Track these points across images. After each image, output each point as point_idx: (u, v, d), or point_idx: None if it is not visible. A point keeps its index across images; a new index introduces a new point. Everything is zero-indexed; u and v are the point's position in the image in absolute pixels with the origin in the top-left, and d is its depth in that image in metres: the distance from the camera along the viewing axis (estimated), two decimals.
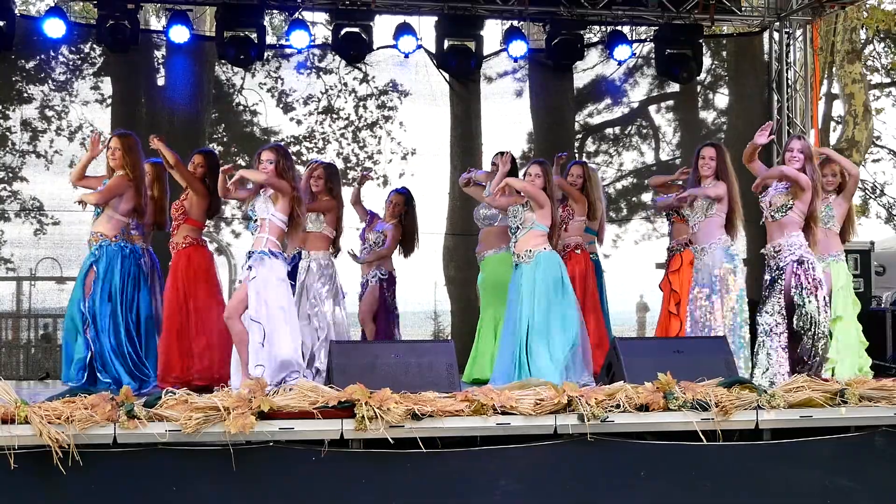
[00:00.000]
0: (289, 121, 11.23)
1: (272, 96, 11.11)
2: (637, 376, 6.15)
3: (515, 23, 11.02)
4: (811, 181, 6.77)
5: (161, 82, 10.72)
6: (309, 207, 7.29)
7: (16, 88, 10.40)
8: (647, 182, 10.04)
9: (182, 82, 10.58)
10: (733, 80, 11.78)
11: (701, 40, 11.08)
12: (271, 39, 12.62)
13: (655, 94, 11.70)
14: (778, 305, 6.74)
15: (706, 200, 7.36)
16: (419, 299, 11.23)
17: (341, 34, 10.47)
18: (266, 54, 10.72)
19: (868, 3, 16.85)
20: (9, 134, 10.38)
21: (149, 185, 7.47)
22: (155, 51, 10.74)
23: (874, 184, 22.10)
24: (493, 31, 11.45)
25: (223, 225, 11.37)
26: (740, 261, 7.48)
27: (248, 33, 10.24)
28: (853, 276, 8.75)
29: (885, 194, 22.24)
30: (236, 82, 10.96)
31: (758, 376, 6.69)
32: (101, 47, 10.40)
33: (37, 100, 10.45)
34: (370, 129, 11.33)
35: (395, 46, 10.71)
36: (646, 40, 11.39)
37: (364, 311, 8.45)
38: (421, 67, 11.03)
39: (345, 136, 11.37)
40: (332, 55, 10.92)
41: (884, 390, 6.22)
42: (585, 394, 5.84)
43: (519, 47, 10.80)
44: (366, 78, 11.13)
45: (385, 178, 11.24)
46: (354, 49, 10.58)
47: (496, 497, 5.67)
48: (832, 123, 20.45)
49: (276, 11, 13.43)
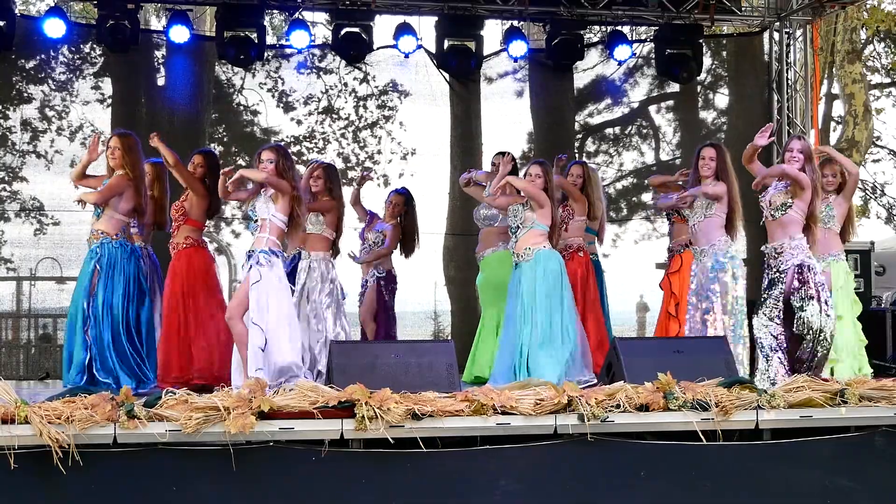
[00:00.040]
0: (289, 121, 11.23)
1: (272, 96, 11.11)
2: (637, 376, 6.15)
3: (515, 23, 11.03)
4: (811, 181, 6.78)
5: (161, 82, 10.72)
6: (309, 207, 7.28)
7: (16, 88, 10.40)
8: (646, 182, 10.04)
9: (182, 82, 10.58)
10: (733, 80, 11.78)
11: (701, 40, 11.08)
12: (271, 39, 12.63)
13: (655, 94, 11.70)
14: (776, 310, 6.72)
15: (706, 200, 7.35)
16: (419, 299, 11.23)
17: (341, 34, 10.47)
18: (266, 54, 10.71)
19: (868, 4, 16.85)
20: (9, 134, 10.38)
21: (149, 185, 7.47)
22: (155, 51, 10.74)
23: (874, 184, 22.10)
24: (493, 31, 11.47)
25: (223, 225, 11.37)
26: (740, 261, 7.47)
27: (248, 33, 10.24)
28: (854, 277, 8.73)
29: (886, 194, 22.25)
30: (236, 82, 10.96)
31: (758, 378, 6.69)
32: (101, 47, 10.40)
33: (37, 100, 10.45)
34: (370, 129, 11.33)
35: (395, 46, 10.71)
36: (646, 40, 11.39)
37: (364, 311, 8.46)
38: (421, 67, 11.03)
39: (345, 136, 11.37)
40: (332, 55, 10.92)
41: (884, 390, 6.21)
42: (585, 394, 5.84)
43: (519, 47, 10.80)
44: (366, 78, 11.13)
45: (386, 179, 11.24)
46: (354, 49, 10.58)
47: (496, 497, 5.67)
48: (832, 123, 20.45)
49: (276, 11, 13.44)
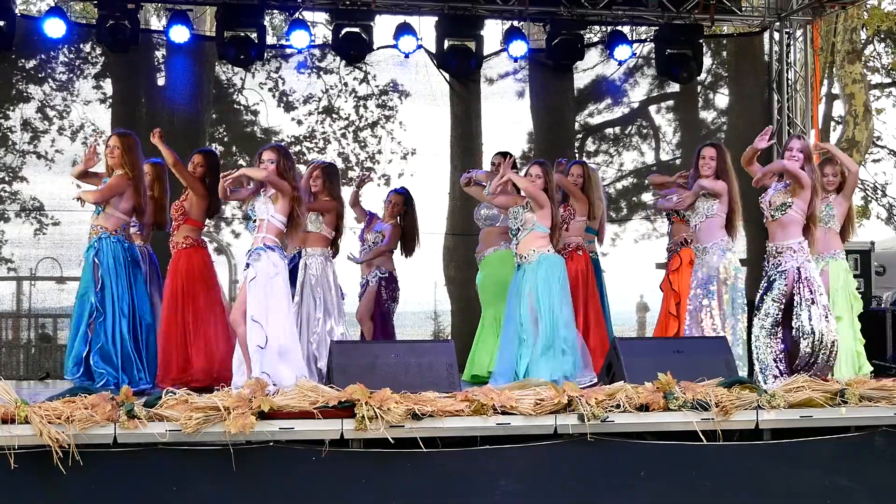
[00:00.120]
0: (289, 121, 11.22)
1: (273, 96, 11.10)
2: (637, 376, 6.16)
3: (515, 23, 11.02)
4: (811, 180, 6.78)
5: (161, 82, 10.72)
6: (308, 207, 7.27)
7: (16, 88, 10.39)
8: (646, 181, 10.04)
9: (182, 82, 10.57)
10: (733, 81, 11.77)
11: (701, 40, 11.06)
12: (271, 39, 12.63)
13: (655, 94, 11.70)
14: (775, 309, 6.72)
15: (707, 202, 7.36)
16: (419, 299, 11.21)
17: (341, 34, 10.46)
18: (266, 54, 10.70)
19: (868, 4, 16.85)
20: (9, 134, 10.37)
21: (149, 184, 7.46)
22: (155, 51, 10.73)
23: (875, 184, 22.10)
24: (493, 31, 11.49)
25: (223, 225, 11.36)
26: (739, 261, 7.48)
27: (248, 33, 10.23)
28: (854, 277, 8.73)
29: (886, 195, 22.25)
30: (236, 82, 10.96)
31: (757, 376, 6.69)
32: (101, 47, 10.39)
33: (37, 100, 10.44)
34: (370, 129, 11.33)
35: (395, 46, 10.70)
36: (646, 40, 11.39)
37: (362, 310, 8.46)
38: (421, 67, 11.02)
39: (345, 136, 11.37)
40: (332, 55, 10.91)
41: (884, 390, 6.22)
42: (585, 394, 5.85)
43: (519, 47, 10.79)
44: (366, 78, 11.13)
45: (387, 179, 11.23)
46: (354, 49, 10.57)
47: (496, 497, 5.68)
48: (832, 123, 20.46)
49: (276, 11, 13.44)
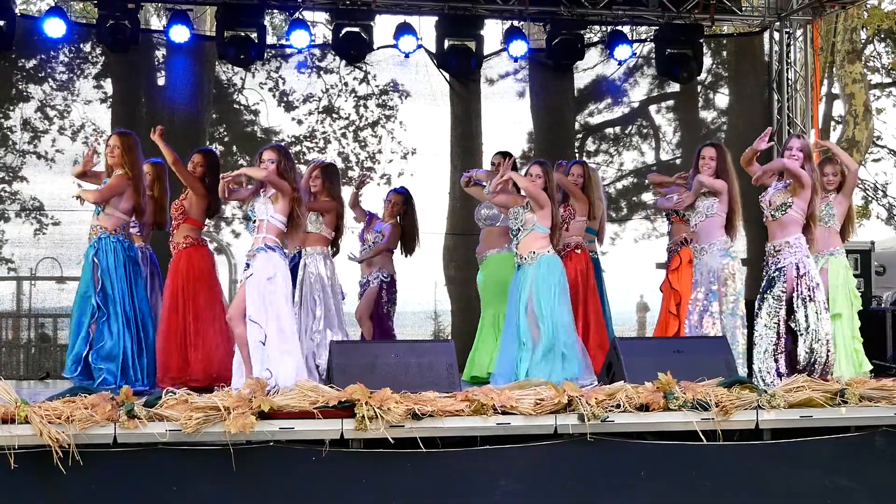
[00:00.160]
0: (289, 120, 11.21)
1: (273, 96, 11.10)
2: (637, 376, 6.15)
3: (516, 23, 11.03)
4: (811, 180, 6.78)
5: (161, 82, 10.71)
6: (308, 207, 7.27)
7: (16, 88, 10.39)
8: (646, 180, 10.03)
9: (182, 82, 10.57)
10: (733, 80, 11.77)
11: (701, 40, 11.06)
12: (272, 39, 12.62)
13: (655, 94, 11.70)
14: (775, 308, 6.72)
15: (707, 201, 7.36)
16: (419, 299, 11.21)
17: (341, 34, 10.46)
18: (266, 54, 10.71)
19: (868, 3, 16.85)
20: (9, 134, 10.37)
21: (149, 184, 7.45)
22: (155, 51, 10.73)
23: (875, 184, 22.10)
24: (493, 30, 11.49)
25: (223, 225, 11.36)
26: (739, 261, 7.48)
27: (248, 33, 10.23)
28: (854, 276, 8.73)
29: (887, 195, 22.25)
30: (237, 82, 10.95)
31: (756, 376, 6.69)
32: (101, 47, 10.39)
33: (37, 99, 10.44)
34: (371, 129, 11.33)
35: (395, 46, 10.70)
36: (646, 40, 11.39)
37: (362, 309, 8.45)
38: (421, 67, 11.02)
39: (345, 136, 11.37)
40: (332, 55, 10.91)
41: (884, 390, 6.22)
42: (585, 394, 5.84)
43: (519, 47, 10.79)
44: (366, 78, 11.13)
45: (388, 178, 11.23)
46: (355, 49, 10.57)
47: (496, 497, 5.67)
48: (832, 123, 20.46)
49: (276, 11, 13.44)
